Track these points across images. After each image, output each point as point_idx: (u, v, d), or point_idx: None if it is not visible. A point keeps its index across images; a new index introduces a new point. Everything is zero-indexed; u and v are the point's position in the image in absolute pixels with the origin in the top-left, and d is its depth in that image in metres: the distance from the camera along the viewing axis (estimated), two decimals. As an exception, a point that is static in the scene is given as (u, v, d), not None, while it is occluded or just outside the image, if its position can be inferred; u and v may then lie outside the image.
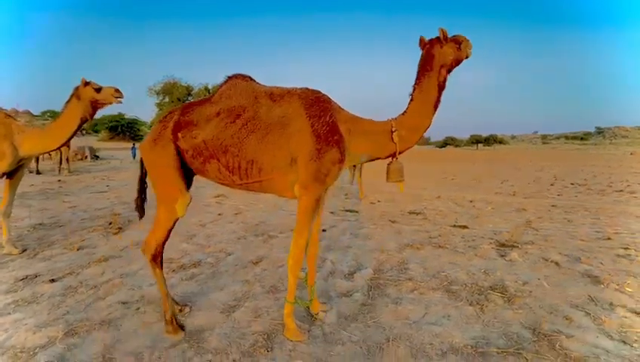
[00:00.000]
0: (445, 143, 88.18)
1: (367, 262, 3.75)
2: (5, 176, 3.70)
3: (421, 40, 2.30)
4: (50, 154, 14.17)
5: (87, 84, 3.54)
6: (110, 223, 5.07)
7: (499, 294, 2.98)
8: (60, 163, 12.06)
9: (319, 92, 2.33)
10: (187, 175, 2.31)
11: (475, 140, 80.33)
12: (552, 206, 7.54)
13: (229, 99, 2.23)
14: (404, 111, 2.31)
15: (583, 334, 2.36)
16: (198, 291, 2.95)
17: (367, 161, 2.49)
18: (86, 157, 16.97)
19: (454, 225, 5.53)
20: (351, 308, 2.68)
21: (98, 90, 3.55)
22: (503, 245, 4.46)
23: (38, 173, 11.45)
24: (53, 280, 3.06)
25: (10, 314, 2.49)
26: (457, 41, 2.21)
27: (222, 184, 2.35)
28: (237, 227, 5.12)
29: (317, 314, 2.55)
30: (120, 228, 4.85)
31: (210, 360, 2.01)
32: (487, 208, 7.21)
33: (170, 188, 2.16)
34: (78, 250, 3.91)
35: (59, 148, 3.93)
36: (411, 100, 2.28)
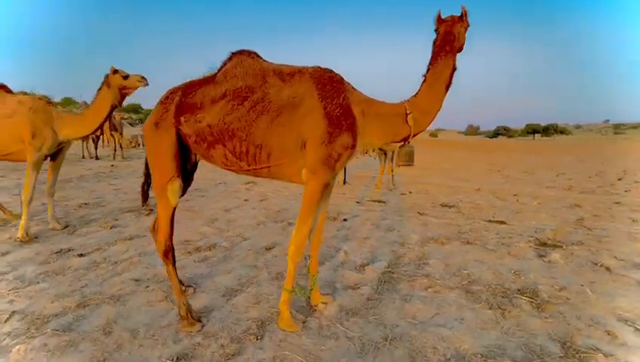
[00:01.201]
0: (497, 133, 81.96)
1: (383, 254, 3.54)
2: (49, 159, 4.06)
3: (438, 17, 2.04)
4: (108, 141, 15.57)
5: (115, 71, 3.71)
6: (144, 205, 5.39)
7: (527, 299, 2.63)
8: (115, 150, 13.18)
9: (332, 71, 2.17)
10: (186, 161, 2.28)
11: (532, 130, 73.52)
12: (616, 203, 6.60)
13: (234, 78, 2.13)
14: (417, 93, 2.11)
15: (626, 354, 1.99)
16: (207, 274, 2.99)
17: (380, 146, 2.31)
18: (139, 144, 18.40)
19: (490, 220, 5.06)
20: (355, 302, 2.54)
21: (125, 77, 3.70)
22: (543, 244, 3.98)
23: (96, 158, 12.63)
24: (81, 255, 3.30)
25: (38, 283, 2.72)
26: (469, 24, 1.99)
27: (229, 170, 2.27)
28: (259, 213, 5.16)
29: (317, 305, 2.45)
30: (151, 210, 5.12)
31: (198, 342, 2.00)
32: (533, 203, 6.51)
33: (163, 173, 2.13)
34: (110, 228, 4.20)
35: (93, 133, 4.21)
36: (424, 82, 2.08)
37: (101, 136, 13.24)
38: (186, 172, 2.33)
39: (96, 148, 12.86)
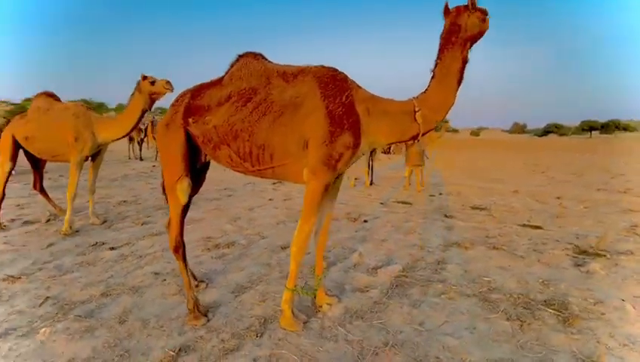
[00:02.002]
0: (547, 131, 75.90)
1: (400, 257, 3.43)
2: (90, 159, 4.45)
3: (446, 7, 1.95)
4: (150, 143, 16.69)
5: (145, 78, 3.98)
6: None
7: (553, 311, 2.41)
8: (157, 151, 14.14)
9: (336, 69, 2.15)
10: (195, 161, 2.36)
11: (588, 127, 67.08)
12: (680, 209, 5.81)
13: (239, 80, 2.18)
14: (426, 89, 2.04)
15: (664, 380, 1.74)
16: (221, 270, 3.09)
17: (388, 145, 2.25)
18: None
19: (524, 225, 4.70)
20: (361, 305, 2.48)
21: (153, 82, 3.96)
22: (583, 252, 3.62)
23: (141, 159, 13.62)
24: (112, 248, 3.58)
25: (72, 272, 2.99)
26: (483, 12, 1.86)
27: (235, 170, 2.34)
28: (281, 212, 5.24)
29: (321, 306, 2.43)
30: (181, 208, 5.42)
31: (201, 336, 2.07)
32: (579, 207, 5.94)
33: (173, 172, 2.24)
34: (142, 224, 4.50)
35: (126, 136, 4.53)
36: (433, 77, 2.00)
37: (145, 138, 14.23)
38: (195, 171, 2.43)
39: (140, 149, 13.87)
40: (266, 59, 2.30)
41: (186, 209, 2.53)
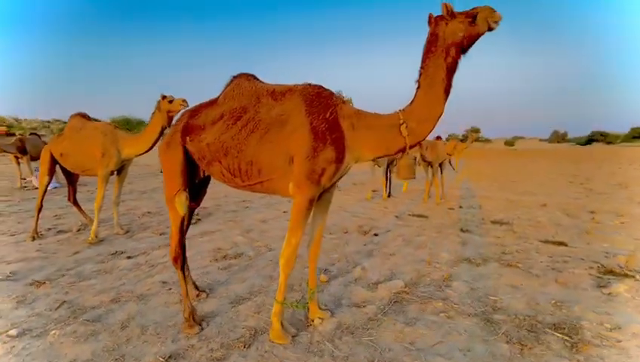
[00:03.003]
0: (591, 139, 70.80)
1: (404, 273, 3.35)
2: (116, 173, 4.80)
3: (429, 18, 1.95)
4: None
5: (164, 97, 4.28)
6: (196, 214, 5.98)
7: (561, 335, 2.24)
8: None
9: (321, 87, 2.22)
10: (194, 176, 2.49)
11: (639, 134, 61.83)
12: None
13: (232, 100, 2.32)
14: (412, 101, 2.02)
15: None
16: (224, 280, 3.19)
17: (375, 159, 2.25)
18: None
19: (546, 241, 4.42)
20: (354, 321, 2.46)
21: (170, 101, 4.23)
22: (609, 272, 3.34)
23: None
24: (129, 257, 3.81)
25: (90, 279, 3.22)
26: (470, 15, 1.82)
27: (229, 185, 2.44)
28: (292, 225, 5.30)
29: (313, 320, 2.43)
30: (199, 219, 5.66)
31: (192, 344, 2.15)
32: (613, 222, 5.49)
33: (172, 186, 2.38)
34: (160, 234, 4.75)
35: (147, 152, 4.85)
36: (418, 87, 1.98)
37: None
38: (195, 186, 2.57)
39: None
40: (258, 80, 2.42)
41: (185, 221, 2.69)
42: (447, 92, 1.91)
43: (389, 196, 7.91)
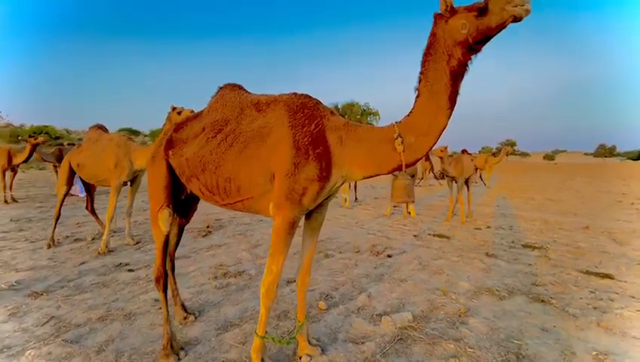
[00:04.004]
0: (645, 154, 64.87)
1: (414, 303, 2.99)
2: (129, 184, 4.86)
3: (434, 17, 1.69)
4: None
5: (173, 109, 4.28)
6: (207, 226, 5.93)
7: (602, 401, 1.80)
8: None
9: (307, 96, 2.01)
10: (178, 192, 2.33)
11: (703, 149, 55.83)
12: None
13: (215, 112, 2.18)
14: (410, 112, 1.73)
15: None
16: (218, 302, 3.00)
17: (368, 177, 1.95)
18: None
19: (588, 271, 3.85)
20: (348, 361, 2.15)
21: (179, 113, 4.22)
22: (667, 316, 2.77)
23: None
24: (130, 270, 3.75)
25: (87, 292, 3.16)
26: (476, 7, 1.50)
27: (210, 203, 2.26)
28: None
29: (301, 357, 2.16)
30: (210, 232, 5.59)
31: (163, 378, 1.96)
32: (672, 252, 4.71)
33: (156, 201, 2.25)
34: (168, 247, 4.70)
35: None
36: (418, 96, 1.68)
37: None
38: (182, 203, 2.42)
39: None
40: (244, 90, 2.26)
41: (173, 238, 2.56)
42: (451, 100, 1.60)
43: (410, 213, 7.48)
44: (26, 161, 8.63)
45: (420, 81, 1.65)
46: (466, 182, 7.36)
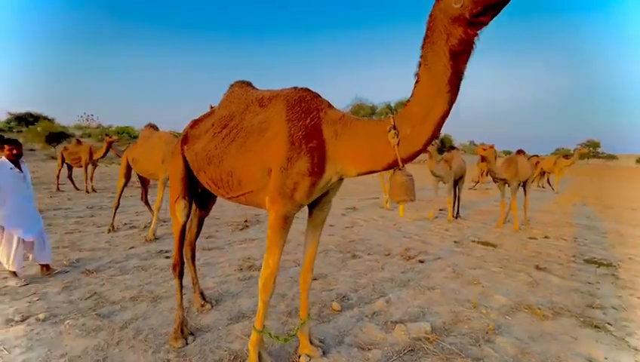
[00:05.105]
0: None
1: (437, 313, 2.76)
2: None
3: None
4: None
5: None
6: (245, 221, 6.20)
7: None
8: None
9: (306, 90, 1.96)
10: (195, 185, 2.44)
11: None
12: None
13: (223, 108, 2.26)
14: (408, 100, 1.55)
15: None
16: (237, 293, 3.10)
17: (363, 174, 1.83)
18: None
19: (666, 298, 3.17)
20: (349, 366, 2.06)
21: (217, 112, 4.46)
22: None
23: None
24: (167, 257, 4.06)
25: (127, 274, 3.50)
26: None
27: (219, 196, 2.31)
28: (332, 240, 5.02)
29: (300, 356, 2.12)
30: (247, 226, 5.82)
31: (169, 359, 2.07)
32: None
33: (173, 193, 2.39)
34: (206, 238, 5.00)
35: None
36: (417, 81, 1.49)
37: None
38: (200, 194, 2.55)
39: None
40: (252, 87, 2.28)
41: (193, 228, 2.71)
42: (452, 83, 1.39)
43: (455, 217, 6.96)
44: (103, 156, 9.86)
45: (419, 66, 1.48)
46: (523, 186, 6.62)
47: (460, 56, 1.37)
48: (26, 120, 26.60)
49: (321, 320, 2.61)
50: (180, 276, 2.47)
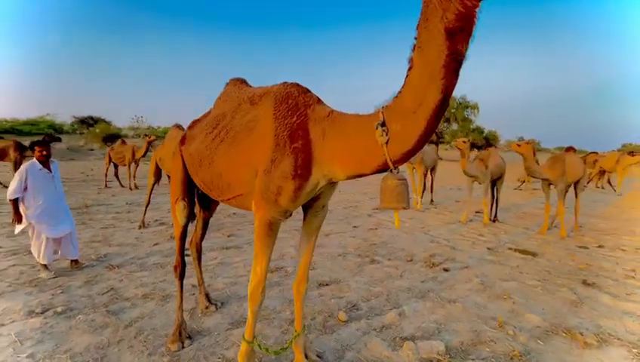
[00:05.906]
0: None
1: (455, 331, 2.48)
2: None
3: None
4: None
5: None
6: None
7: None
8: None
9: (294, 85, 1.80)
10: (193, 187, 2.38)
11: None
12: None
13: (216, 108, 2.19)
14: (399, 90, 1.32)
15: None
16: (245, 296, 3.04)
17: (352, 178, 1.63)
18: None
19: None
20: (344, 386, 1.89)
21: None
22: None
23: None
24: (187, 255, 4.13)
25: (146, 271, 3.61)
26: None
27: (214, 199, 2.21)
28: (352, 242, 4.82)
29: (293, 370, 1.99)
30: (269, 225, 5.81)
31: (162, 363, 2.05)
32: None
33: (173, 194, 2.37)
34: (228, 236, 5.06)
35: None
36: (410, 68, 1.26)
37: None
38: (200, 195, 2.51)
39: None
40: (246, 85, 2.18)
41: (199, 229, 2.68)
42: (448, 69, 1.14)
43: (493, 221, 6.39)
44: (144, 155, 10.51)
45: (413, 49, 1.25)
46: (575, 187, 5.89)
47: (458, 35, 1.12)
48: (87, 123, 29.36)
49: (324, 331, 2.46)
50: (181, 277, 2.46)
